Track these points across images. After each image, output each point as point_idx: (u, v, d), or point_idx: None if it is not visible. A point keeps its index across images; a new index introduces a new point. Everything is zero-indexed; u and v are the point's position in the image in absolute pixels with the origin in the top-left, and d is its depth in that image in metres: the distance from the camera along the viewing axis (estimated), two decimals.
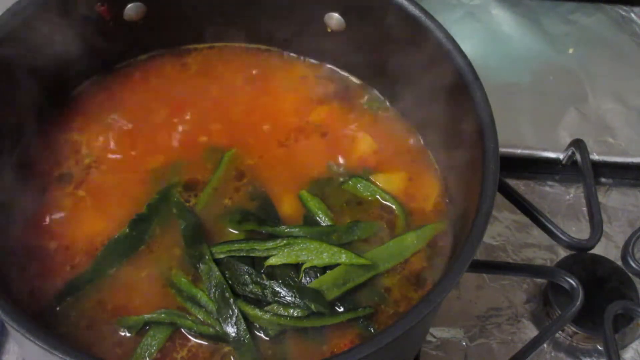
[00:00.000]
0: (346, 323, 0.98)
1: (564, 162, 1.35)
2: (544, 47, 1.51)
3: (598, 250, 1.19)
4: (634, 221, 1.32)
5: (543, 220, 1.12)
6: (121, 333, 0.97)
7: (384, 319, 0.99)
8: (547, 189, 1.36)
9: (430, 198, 1.10)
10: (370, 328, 0.98)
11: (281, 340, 0.97)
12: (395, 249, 1.04)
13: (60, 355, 0.81)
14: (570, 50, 1.51)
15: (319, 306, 0.96)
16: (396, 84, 1.15)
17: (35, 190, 1.06)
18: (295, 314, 0.96)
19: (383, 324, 0.99)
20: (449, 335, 1.20)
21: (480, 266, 1.15)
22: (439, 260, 1.04)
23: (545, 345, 1.19)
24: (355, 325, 0.98)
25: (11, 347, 1.16)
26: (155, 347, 0.96)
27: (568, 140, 1.35)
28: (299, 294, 0.97)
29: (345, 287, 0.99)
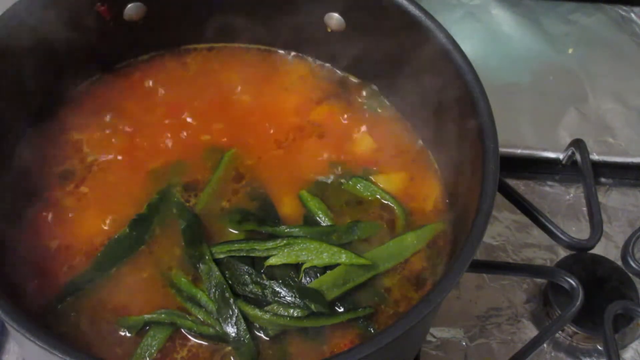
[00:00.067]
0: (346, 323, 0.98)
1: (564, 162, 1.35)
2: (544, 47, 1.51)
3: (598, 250, 1.18)
4: (634, 221, 1.32)
5: (543, 220, 1.12)
6: (121, 333, 0.97)
7: (384, 319, 0.99)
8: (547, 189, 1.36)
9: (430, 198, 1.10)
10: (370, 328, 0.98)
11: (281, 340, 0.97)
12: (395, 249, 1.03)
13: (60, 355, 0.81)
14: (570, 50, 1.51)
15: (319, 306, 0.96)
16: (396, 84, 1.15)
17: (36, 190, 1.06)
18: (295, 314, 0.96)
19: (383, 324, 0.99)
20: (449, 335, 1.20)
21: (480, 266, 1.15)
22: (439, 260, 1.04)
23: (545, 345, 1.19)
24: (355, 325, 0.98)
25: (11, 347, 1.16)
26: (156, 347, 0.96)
27: (568, 140, 1.35)
28: (299, 294, 0.97)
29: (345, 287, 0.99)
